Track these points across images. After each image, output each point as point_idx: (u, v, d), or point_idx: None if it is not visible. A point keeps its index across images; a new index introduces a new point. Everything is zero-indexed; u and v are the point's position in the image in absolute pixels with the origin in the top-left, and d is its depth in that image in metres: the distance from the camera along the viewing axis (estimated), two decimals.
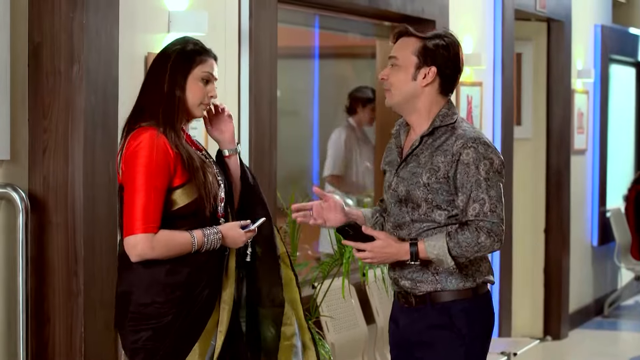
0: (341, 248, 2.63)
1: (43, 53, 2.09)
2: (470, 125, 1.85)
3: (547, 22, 4.52)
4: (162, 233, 1.74)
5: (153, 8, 2.35)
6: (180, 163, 1.76)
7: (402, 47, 1.83)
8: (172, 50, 1.81)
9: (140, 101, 1.81)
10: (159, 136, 1.75)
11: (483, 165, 1.78)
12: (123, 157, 1.77)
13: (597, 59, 5.03)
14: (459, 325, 1.81)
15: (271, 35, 2.70)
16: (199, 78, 1.80)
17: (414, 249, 1.79)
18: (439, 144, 1.82)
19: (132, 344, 1.76)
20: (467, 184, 1.78)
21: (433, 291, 1.82)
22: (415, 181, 1.82)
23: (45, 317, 2.09)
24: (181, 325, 1.76)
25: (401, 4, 3.31)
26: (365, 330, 2.94)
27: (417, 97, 1.83)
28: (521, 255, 4.43)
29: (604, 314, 5.10)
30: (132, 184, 1.74)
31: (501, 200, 1.79)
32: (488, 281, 1.86)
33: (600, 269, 5.18)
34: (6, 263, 2.03)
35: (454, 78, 1.85)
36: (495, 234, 1.77)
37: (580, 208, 4.87)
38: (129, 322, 1.77)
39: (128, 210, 1.74)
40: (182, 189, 1.76)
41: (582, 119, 4.84)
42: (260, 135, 2.67)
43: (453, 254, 1.77)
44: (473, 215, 1.78)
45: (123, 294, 1.78)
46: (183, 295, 1.76)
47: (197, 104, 1.81)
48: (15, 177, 2.06)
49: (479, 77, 3.91)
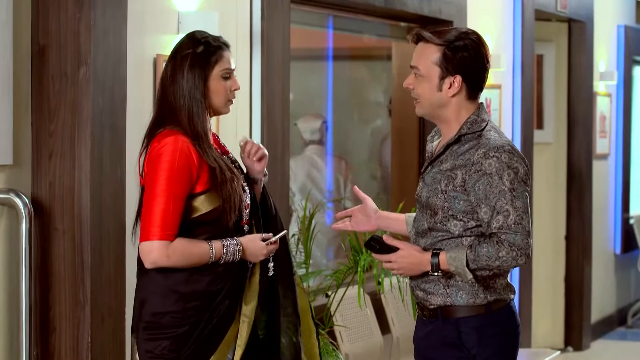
0: (355, 256, 2.56)
1: (48, 55, 2.05)
2: (499, 133, 1.78)
3: (568, 22, 4.44)
4: (179, 242, 1.70)
5: (162, 8, 2.31)
6: (206, 171, 1.73)
7: (422, 56, 1.76)
8: (184, 54, 1.76)
9: (161, 111, 1.78)
10: (183, 140, 1.71)
11: (507, 175, 1.71)
12: (146, 159, 1.74)
13: (620, 61, 4.93)
14: (468, 344, 1.74)
15: (284, 36, 2.65)
16: (220, 77, 1.77)
17: (435, 260, 1.73)
18: (462, 151, 1.76)
19: (147, 353, 1.73)
20: (491, 195, 1.71)
21: (443, 305, 1.75)
22: (435, 187, 1.77)
23: (51, 326, 2.05)
24: (199, 336, 1.72)
25: (418, 4, 3.25)
26: (381, 341, 2.89)
27: (445, 106, 1.77)
28: (541, 263, 4.36)
29: (627, 324, 5.00)
30: (152, 188, 1.71)
31: (527, 212, 1.72)
32: (502, 300, 1.77)
33: (624, 277, 5.07)
34: (9, 270, 2.00)
35: (481, 79, 1.78)
36: (519, 247, 1.70)
37: (603, 214, 4.76)
38: (145, 331, 1.73)
39: (146, 215, 1.71)
40: (204, 196, 1.73)
41: (605, 122, 4.75)
42: (272, 140, 2.62)
43: (472, 267, 1.71)
44: (496, 227, 1.71)
45: (140, 301, 1.76)
46: (201, 305, 1.72)
47: (224, 103, 1.78)
48: (18, 183, 2.02)
49: (498, 80, 3.83)
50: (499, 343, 1.75)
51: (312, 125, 3.59)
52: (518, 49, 3.90)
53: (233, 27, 2.54)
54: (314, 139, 3.59)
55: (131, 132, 2.15)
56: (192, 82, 1.74)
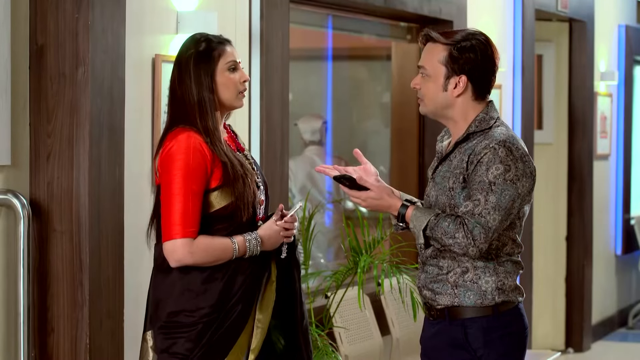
0: (355, 257, 2.55)
1: (46, 55, 2.03)
2: (507, 129, 1.76)
3: (569, 22, 4.43)
4: (202, 238, 1.71)
5: (161, 8, 2.30)
6: (219, 166, 1.73)
7: (429, 55, 1.76)
8: (187, 55, 1.77)
9: (173, 113, 1.78)
10: (195, 137, 1.72)
11: (495, 168, 1.69)
12: (159, 159, 1.74)
13: (621, 61, 4.91)
14: (474, 345, 1.73)
15: (283, 36, 2.64)
16: (225, 70, 1.77)
17: (402, 211, 1.74)
18: (470, 147, 1.75)
19: (162, 352, 1.73)
20: (473, 183, 1.71)
21: (451, 305, 1.74)
22: (443, 185, 1.76)
23: (49, 327, 2.04)
24: (211, 337, 1.72)
25: (418, 4, 3.23)
26: (380, 342, 2.87)
27: (450, 106, 1.77)
28: (542, 263, 4.34)
29: (628, 325, 4.97)
30: (169, 187, 1.71)
31: (498, 210, 1.68)
32: (510, 301, 1.75)
33: (624, 278, 5.05)
34: (7, 271, 1.99)
35: (488, 80, 1.77)
36: (474, 238, 1.68)
37: (604, 215, 4.74)
38: (160, 330, 1.74)
39: (166, 214, 1.71)
40: (218, 191, 1.72)
41: (606, 122, 4.73)
42: (271, 140, 2.61)
43: (427, 233, 1.71)
44: (463, 212, 1.69)
45: (155, 301, 1.76)
46: (214, 304, 1.72)
47: (235, 96, 1.78)
48: (16, 183, 2.01)
49: (498, 80, 3.76)
50: (505, 345, 1.74)
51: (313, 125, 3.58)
52: (518, 49, 3.88)
53: (232, 27, 2.53)
54: (314, 139, 3.58)
55: (130, 132, 2.14)
56: (199, 79, 1.74)
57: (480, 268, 1.73)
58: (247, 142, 2.59)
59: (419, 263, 1.81)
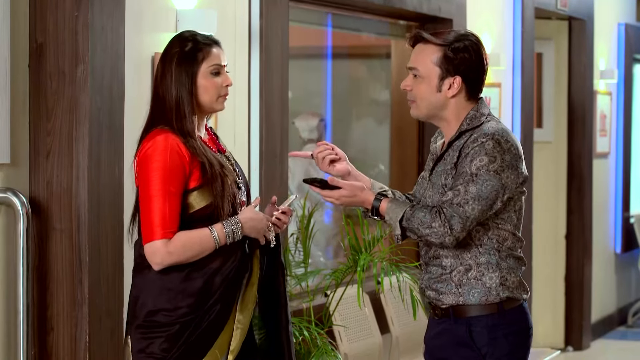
0: (354, 255, 2.55)
1: (46, 53, 2.03)
2: (497, 123, 1.76)
3: (568, 20, 4.42)
4: (177, 235, 1.70)
5: (160, 6, 2.30)
6: (197, 167, 1.72)
7: (421, 56, 1.75)
8: (171, 53, 1.76)
9: (153, 111, 1.77)
10: (173, 138, 1.71)
11: (479, 160, 1.69)
12: (137, 160, 1.74)
13: (620, 59, 4.91)
14: (479, 343, 1.72)
15: (282, 34, 2.64)
16: (208, 73, 1.75)
17: (376, 204, 1.73)
18: (461, 144, 1.75)
19: (139, 352, 1.72)
20: (457, 175, 1.71)
21: (455, 304, 1.74)
22: (438, 184, 1.76)
23: (48, 325, 2.04)
24: (188, 337, 1.71)
25: (417, 2, 3.24)
26: (380, 340, 2.87)
27: (444, 107, 1.76)
28: (541, 262, 4.33)
29: (628, 323, 4.97)
30: (147, 189, 1.70)
31: (478, 201, 1.67)
32: (514, 298, 1.75)
33: (624, 277, 5.05)
34: (6, 270, 1.99)
35: (480, 80, 1.77)
36: (452, 227, 1.67)
37: (603, 213, 4.74)
38: (138, 329, 1.73)
39: (145, 217, 1.71)
40: (197, 192, 1.72)
41: (605, 121, 4.73)
42: (271, 138, 2.61)
43: (404, 224, 1.70)
44: (443, 200, 1.69)
45: (133, 299, 1.76)
46: (193, 304, 1.71)
47: (215, 99, 1.76)
48: (16, 182, 2.01)
49: (498, 78, 3.81)
50: (510, 343, 1.73)
51: (310, 123, 3.58)
52: (518, 47, 3.88)
53: (231, 25, 2.53)
54: (312, 137, 3.58)
55: (129, 131, 2.14)
56: (179, 79, 1.73)
57: (483, 265, 1.73)
58: (246, 140, 2.60)
59: (421, 264, 1.80)
